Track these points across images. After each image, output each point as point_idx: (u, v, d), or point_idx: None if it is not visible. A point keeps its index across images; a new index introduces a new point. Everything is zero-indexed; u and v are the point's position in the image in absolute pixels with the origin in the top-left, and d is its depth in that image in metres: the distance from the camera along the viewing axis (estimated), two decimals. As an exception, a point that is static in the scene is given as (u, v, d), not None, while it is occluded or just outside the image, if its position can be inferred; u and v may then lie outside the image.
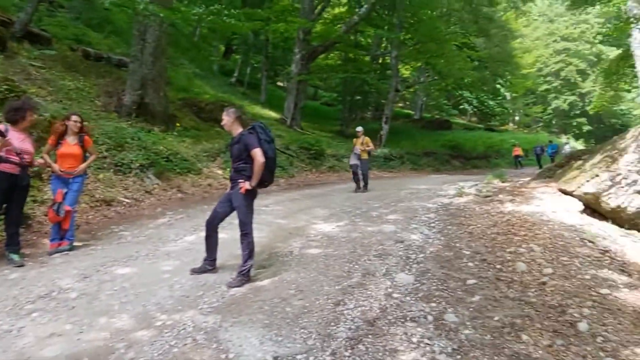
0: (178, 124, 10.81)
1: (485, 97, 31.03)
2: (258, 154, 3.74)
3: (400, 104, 38.95)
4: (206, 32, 23.41)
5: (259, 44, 23.95)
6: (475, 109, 35.68)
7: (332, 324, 3.03)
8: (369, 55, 25.74)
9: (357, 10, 21.41)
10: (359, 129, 10.61)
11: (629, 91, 21.35)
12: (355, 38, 25.16)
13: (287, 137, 15.47)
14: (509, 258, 4.63)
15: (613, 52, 30.01)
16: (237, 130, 3.99)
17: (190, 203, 7.73)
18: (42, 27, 11.62)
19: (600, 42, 37.96)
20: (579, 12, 29.99)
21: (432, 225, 6.16)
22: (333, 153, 16.06)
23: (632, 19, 10.24)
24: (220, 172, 10.04)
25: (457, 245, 5.14)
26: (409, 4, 19.49)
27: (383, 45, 26.52)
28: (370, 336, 2.87)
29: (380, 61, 26.67)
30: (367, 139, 10.31)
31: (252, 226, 3.95)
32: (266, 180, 3.94)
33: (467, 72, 21.87)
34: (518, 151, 22.64)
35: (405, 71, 29.06)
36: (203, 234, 4.09)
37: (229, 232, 4.80)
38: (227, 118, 4.03)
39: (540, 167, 19.13)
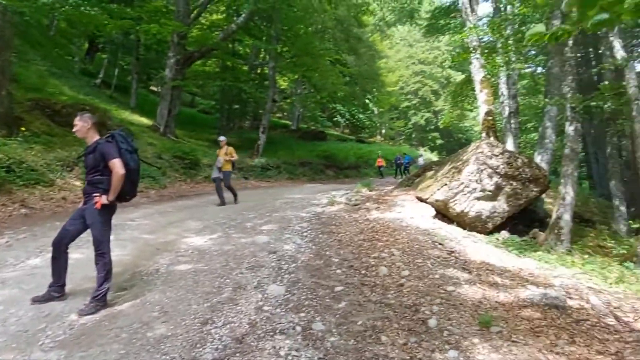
0: (23, 128, 9.46)
1: (356, 110, 33.39)
2: (117, 165, 3.45)
3: (278, 114, 39.74)
4: (64, 26, 20.89)
5: (128, 44, 22.29)
6: (347, 122, 38.27)
7: (198, 345, 2.90)
8: (247, 64, 25.79)
9: (234, 18, 21.30)
10: (222, 138, 9.85)
11: (471, 110, 24.82)
12: (233, 47, 24.99)
13: (160, 146, 14.63)
14: (373, 263, 5.02)
15: (459, 77, 34.70)
16: (94, 138, 3.62)
17: (37, 220, 6.75)
18: None
19: (449, 67, 44.33)
20: (432, 40, 34.00)
21: (305, 234, 6.38)
22: (209, 162, 15.65)
23: (472, 49, 12.00)
24: (78, 183, 9.06)
25: (327, 253, 5.41)
26: (285, 18, 20.03)
27: (261, 55, 26.82)
28: (238, 354, 2.80)
29: (258, 71, 26.89)
30: (230, 149, 9.70)
31: (110, 245, 3.62)
32: (128, 193, 3.65)
33: (340, 86, 23.27)
34: (381, 162, 24.69)
35: (283, 82, 29.78)
36: (50, 255, 3.60)
37: (85, 251, 4.37)
38: (80, 124, 3.59)
39: (400, 176, 21.19)
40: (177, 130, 18.49)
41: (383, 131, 48.24)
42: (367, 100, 33.41)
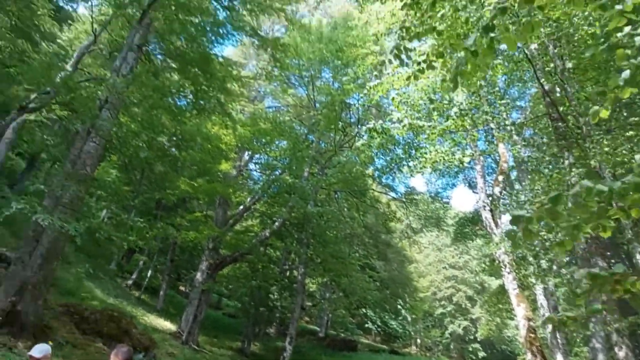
0: (51, 342, 9.11)
1: (387, 317, 31.78)
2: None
3: (306, 319, 38.16)
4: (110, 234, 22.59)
5: (165, 247, 23.45)
6: (379, 329, 35.94)
7: None
8: (277, 267, 26.16)
9: (268, 222, 22.62)
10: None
11: (512, 319, 23.25)
12: (265, 250, 25.87)
13: (180, 357, 13.73)
14: None
15: (494, 282, 33.65)
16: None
17: None
18: None
19: (482, 271, 43.15)
20: (461, 244, 34.51)
21: None
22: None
23: (501, 264, 11.69)
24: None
25: None
26: (316, 225, 21.12)
27: (291, 257, 27.42)
28: None
29: (287, 274, 27.06)
30: None
31: None
32: None
33: (370, 291, 22.77)
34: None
35: (311, 285, 29.54)
36: None
37: None
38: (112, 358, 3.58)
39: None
40: (201, 337, 17.67)
41: (418, 341, 44.78)
42: (399, 306, 32.16)
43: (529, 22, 3.10)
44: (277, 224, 20.90)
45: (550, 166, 10.62)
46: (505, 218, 14.39)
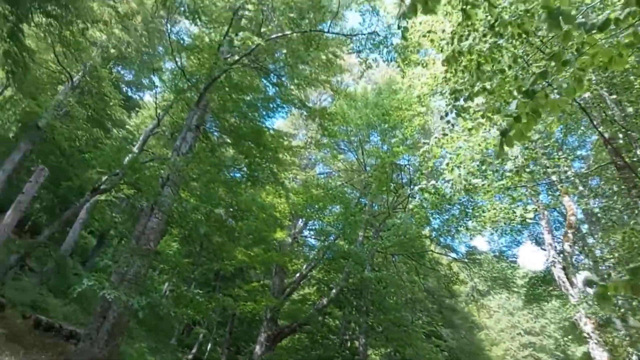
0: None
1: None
2: None
3: (370, 393, 35.67)
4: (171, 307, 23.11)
5: (224, 319, 23.41)
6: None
7: None
8: (337, 338, 25.12)
9: (325, 289, 22.13)
10: None
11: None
12: (323, 319, 25.09)
13: None
14: None
15: (579, 349, 30.18)
16: None
17: None
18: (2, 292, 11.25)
19: (563, 337, 38.89)
20: (535, 307, 31.62)
21: None
22: None
23: (585, 334, 10.48)
24: None
25: None
26: (375, 291, 20.37)
27: (351, 326, 26.31)
28: None
29: (348, 345, 25.85)
30: None
31: None
32: None
33: (438, 362, 21.15)
34: None
35: (374, 356, 27.91)
36: None
37: None
38: None
39: None
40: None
41: None
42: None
43: (572, 87, 3.00)
44: (334, 291, 20.41)
45: (625, 216, 9.78)
46: (581, 277, 13.15)
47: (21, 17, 11.51)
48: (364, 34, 13.16)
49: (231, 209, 17.47)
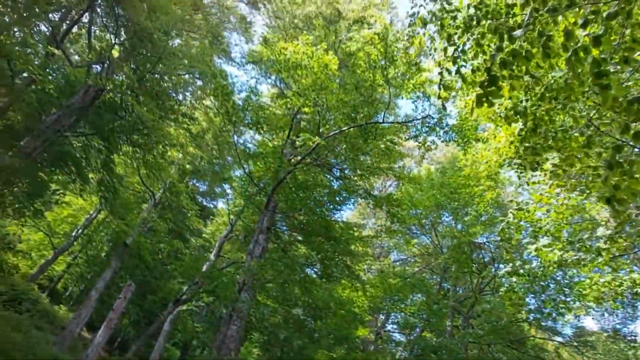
0: None
1: None
2: None
3: None
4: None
5: None
6: None
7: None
8: None
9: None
10: None
11: None
12: None
13: None
14: None
15: None
16: None
17: None
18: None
19: None
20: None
21: None
22: None
23: None
24: None
25: None
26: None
27: None
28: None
29: None
30: None
31: None
32: None
33: None
34: None
35: None
36: None
37: None
38: None
39: None
40: None
41: None
42: None
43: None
44: (428, 391, 18.42)
45: None
46: None
47: (112, 149, 13.13)
48: (418, 119, 13.36)
49: (308, 308, 17.06)
